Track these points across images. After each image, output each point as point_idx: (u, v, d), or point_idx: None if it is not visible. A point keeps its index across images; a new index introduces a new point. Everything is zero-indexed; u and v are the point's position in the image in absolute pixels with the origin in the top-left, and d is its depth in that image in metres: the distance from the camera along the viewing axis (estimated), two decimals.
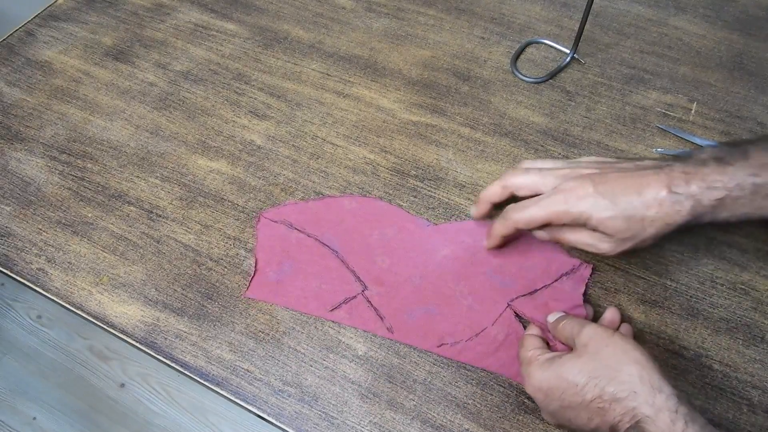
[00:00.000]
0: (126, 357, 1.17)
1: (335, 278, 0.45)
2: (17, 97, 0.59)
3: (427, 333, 0.42)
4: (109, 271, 0.47)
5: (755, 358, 0.41)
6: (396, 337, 0.42)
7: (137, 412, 1.12)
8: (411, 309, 0.43)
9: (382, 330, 0.43)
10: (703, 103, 0.55)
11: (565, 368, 0.34)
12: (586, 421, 0.33)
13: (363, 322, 0.43)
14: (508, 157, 0.52)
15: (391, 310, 0.43)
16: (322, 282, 0.45)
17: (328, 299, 0.44)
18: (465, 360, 0.41)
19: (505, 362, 0.41)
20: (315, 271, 0.45)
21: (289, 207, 0.49)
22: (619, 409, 0.31)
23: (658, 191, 0.36)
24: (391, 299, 0.44)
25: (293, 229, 0.47)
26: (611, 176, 0.37)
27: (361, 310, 0.44)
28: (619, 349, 0.33)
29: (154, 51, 0.63)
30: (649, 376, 0.32)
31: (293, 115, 0.56)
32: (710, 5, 0.65)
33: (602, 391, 0.32)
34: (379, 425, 0.39)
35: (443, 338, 0.42)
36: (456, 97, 0.57)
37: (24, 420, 1.12)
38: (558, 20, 0.64)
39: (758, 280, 0.44)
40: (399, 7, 0.66)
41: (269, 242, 0.47)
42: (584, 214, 0.37)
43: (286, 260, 0.46)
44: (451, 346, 0.42)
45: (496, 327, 0.42)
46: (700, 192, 0.35)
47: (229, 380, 0.41)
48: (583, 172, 0.39)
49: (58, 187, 0.52)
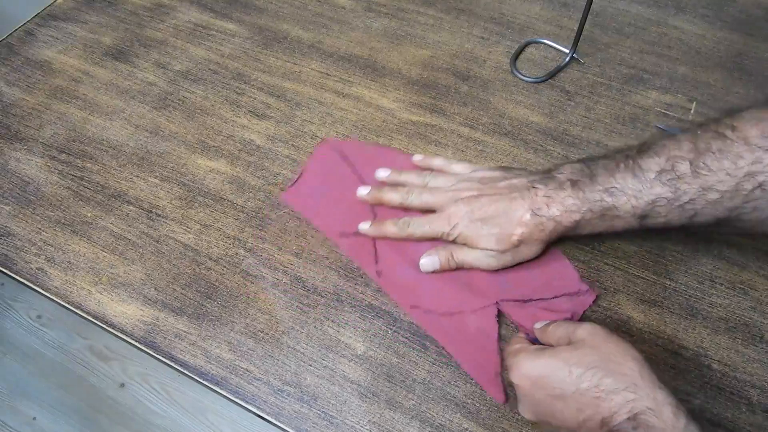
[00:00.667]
0: (126, 357, 1.17)
1: (358, 214, 0.48)
2: (17, 97, 0.59)
3: (408, 291, 0.44)
4: (108, 271, 0.47)
5: (754, 357, 0.41)
6: (381, 282, 0.45)
7: (137, 412, 1.12)
8: (406, 266, 0.45)
9: (372, 271, 0.45)
10: (702, 103, 0.56)
11: (561, 357, 0.34)
12: (574, 413, 0.32)
13: (359, 258, 0.46)
14: (508, 156, 0.52)
15: (389, 259, 0.46)
16: (346, 214, 0.48)
17: (343, 227, 0.47)
18: (429, 331, 0.42)
19: (463, 352, 0.41)
20: (345, 202, 0.49)
21: (351, 143, 0.53)
22: (617, 400, 0.31)
23: (524, 214, 0.41)
24: (394, 252, 0.46)
25: (345, 162, 0.51)
26: (484, 200, 0.43)
27: (363, 247, 0.46)
28: (621, 347, 0.33)
29: (153, 51, 0.63)
30: (649, 374, 0.31)
31: (293, 114, 0.56)
32: (710, 5, 0.65)
33: (600, 381, 0.31)
34: (378, 424, 0.39)
35: (420, 302, 0.43)
36: (455, 96, 0.57)
37: (24, 420, 1.12)
38: (557, 20, 0.64)
39: (757, 280, 0.44)
40: (399, 7, 0.66)
41: (319, 163, 0.52)
42: (462, 235, 0.43)
43: (325, 183, 0.50)
44: (423, 312, 0.43)
45: (473, 317, 0.42)
46: (560, 214, 0.40)
47: (229, 380, 0.41)
48: (463, 195, 0.44)
49: (57, 187, 0.52)
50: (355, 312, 0.44)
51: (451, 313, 0.43)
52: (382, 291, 0.45)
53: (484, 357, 0.41)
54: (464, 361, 0.41)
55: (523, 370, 0.35)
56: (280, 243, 0.47)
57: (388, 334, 0.43)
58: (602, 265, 0.45)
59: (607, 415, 0.31)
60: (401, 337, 0.43)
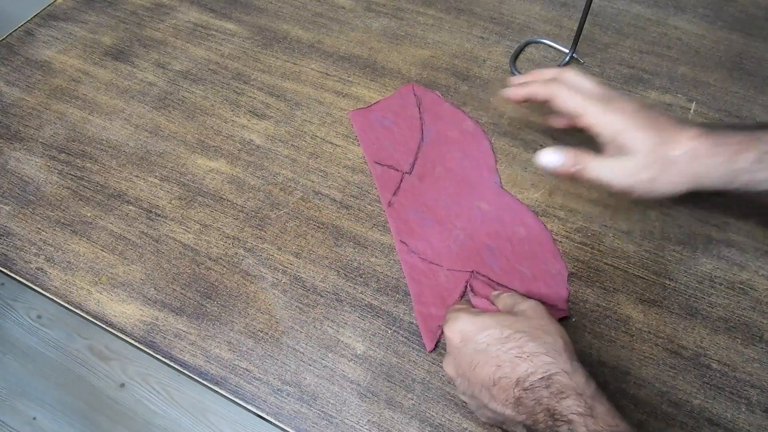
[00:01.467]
0: (126, 357, 1.17)
1: (404, 151, 0.52)
2: (16, 97, 0.59)
3: (406, 228, 0.47)
4: (108, 271, 0.47)
5: (754, 357, 0.41)
6: (387, 211, 0.48)
7: (137, 412, 1.12)
8: (417, 208, 0.48)
9: (386, 200, 0.49)
10: (702, 103, 0.55)
11: (496, 318, 0.35)
12: (493, 369, 0.33)
13: (381, 185, 0.50)
14: (507, 156, 0.52)
15: (405, 197, 0.49)
16: (392, 148, 0.52)
17: (381, 157, 0.52)
18: (404, 267, 0.45)
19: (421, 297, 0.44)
20: (397, 139, 0.53)
21: (432, 95, 0.57)
22: (536, 361, 0.32)
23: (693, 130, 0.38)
24: (414, 193, 0.49)
25: (417, 108, 0.55)
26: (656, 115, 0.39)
27: (390, 178, 0.50)
28: (554, 326, 0.35)
29: (153, 51, 0.63)
30: (570, 351, 0.33)
31: (292, 114, 0.56)
32: (709, 5, 0.65)
33: (524, 344, 0.33)
34: (377, 424, 0.39)
35: (409, 241, 0.47)
36: (455, 96, 0.57)
37: (24, 420, 1.12)
38: (557, 20, 0.64)
39: (757, 280, 0.44)
40: (398, 7, 0.66)
41: (397, 99, 0.56)
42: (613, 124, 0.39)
43: (391, 117, 0.55)
44: (407, 249, 0.46)
45: (447, 273, 0.45)
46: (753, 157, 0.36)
47: (228, 379, 0.41)
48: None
49: (57, 187, 0.52)
50: (354, 312, 0.44)
51: (430, 261, 0.46)
52: (384, 226, 0.45)
53: (436, 309, 0.43)
54: (418, 304, 0.44)
55: (459, 325, 0.36)
56: (279, 243, 0.48)
57: (387, 333, 0.43)
58: (602, 265, 0.45)
59: (523, 376, 0.32)
60: (401, 336, 0.43)
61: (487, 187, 0.50)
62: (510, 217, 0.48)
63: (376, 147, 0.53)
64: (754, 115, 0.54)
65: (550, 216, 0.48)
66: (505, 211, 0.48)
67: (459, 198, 0.49)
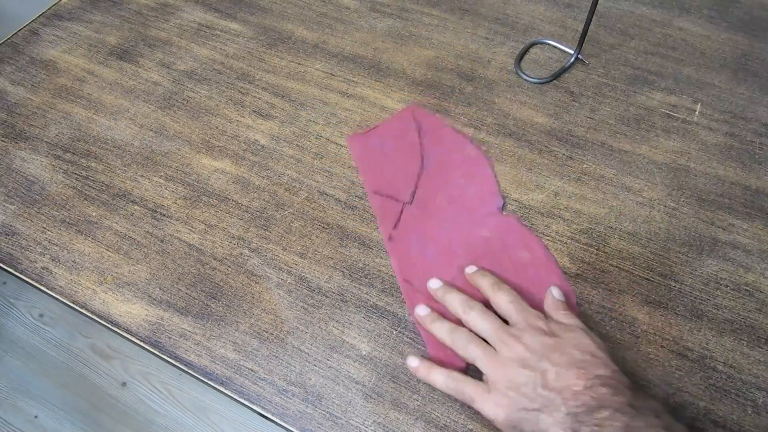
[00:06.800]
0: (127, 356, 1.17)
1: (404, 179, 0.51)
2: (22, 96, 0.59)
3: (409, 264, 0.46)
4: (113, 270, 0.47)
5: (760, 359, 0.41)
6: (388, 246, 0.47)
7: (139, 411, 1.12)
8: (418, 241, 0.47)
9: (387, 233, 0.47)
10: (707, 104, 0.55)
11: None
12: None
13: (381, 217, 0.49)
14: (512, 157, 0.52)
15: (406, 230, 0.48)
16: (392, 176, 0.51)
17: (381, 186, 0.50)
18: (407, 304, 0.44)
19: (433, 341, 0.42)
20: (396, 167, 0.52)
21: (432, 118, 0.55)
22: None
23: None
24: (415, 224, 0.48)
25: (417, 133, 0.54)
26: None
27: (390, 210, 0.49)
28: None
29: (158, 50, 0.63)
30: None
31: (297, 114, 0.56)
32: (715, 6, 0.65)
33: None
34: (383, 425, 0.39)
35: (414, 280, 0.45)
36: (460, 97, 0.57)
37: (26, 418, 1.12)
38: (562, 21, 0.64)
39: (763, 282, 0.44)
40: (403, 7, 0.66)
41: (396, 123, 0.55)
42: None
43: (390, 143, 0.53)
44: (414, 290, 0.44)
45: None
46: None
47: (233, 379, 0.41)
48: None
49: (62, 186, 0.52)
50: (359, 312, 0.44)
51: (437, 301, 0.44)
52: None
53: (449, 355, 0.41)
54: (431, 348, 0.42)
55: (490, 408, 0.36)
56: (284, 243, 0.48)
57: (392, 334, 0.43)
58: (607, 267, 0.45)
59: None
60: (406, 337, 0.43)
61: (489, 214, 0.48)
62: (513, 242, 0.47)
63: (375, 175, 0.51)
64: (759, 116, 0.54)
65: (555, 217, 0.48)
66: (508, 237, 0.47)
67: (461, 227, 0.48)
